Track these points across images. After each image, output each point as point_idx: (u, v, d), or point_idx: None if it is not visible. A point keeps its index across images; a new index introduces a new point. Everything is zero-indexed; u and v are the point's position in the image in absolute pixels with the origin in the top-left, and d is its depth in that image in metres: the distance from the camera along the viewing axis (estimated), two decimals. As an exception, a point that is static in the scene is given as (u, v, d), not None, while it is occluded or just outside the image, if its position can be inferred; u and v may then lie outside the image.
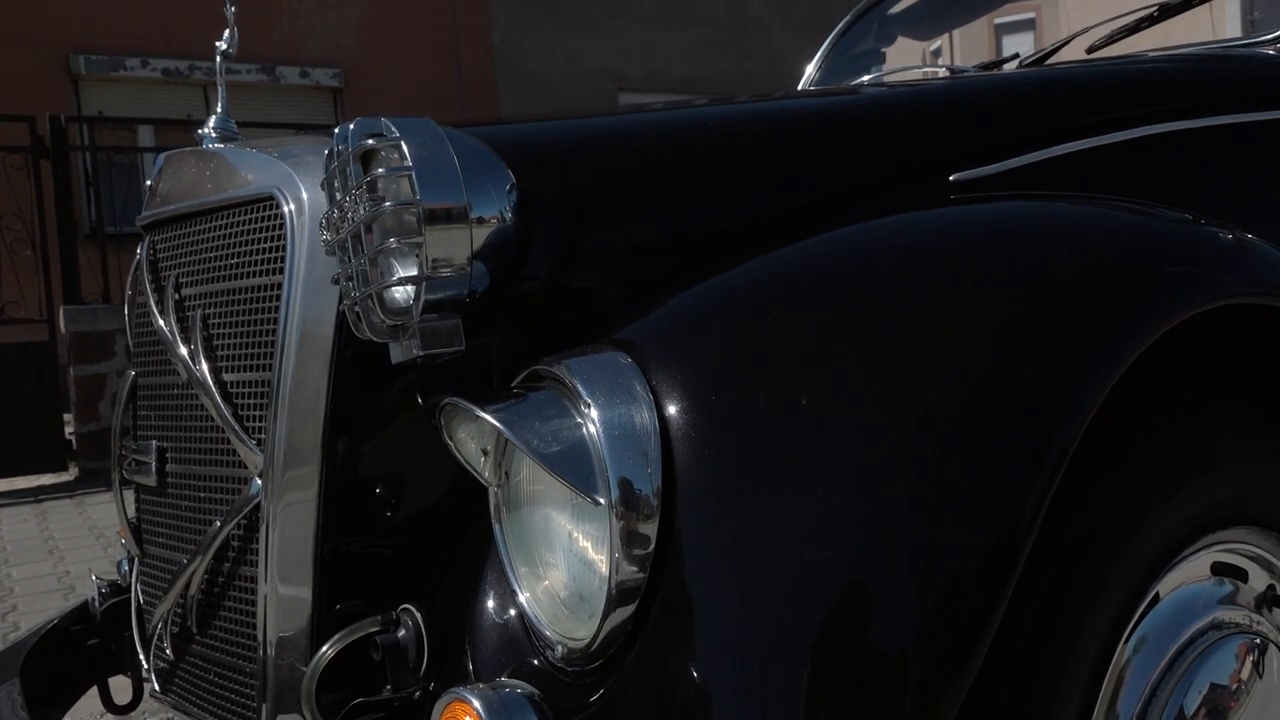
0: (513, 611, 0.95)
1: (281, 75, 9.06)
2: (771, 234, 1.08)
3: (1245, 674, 1.03)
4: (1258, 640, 1.05)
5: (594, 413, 0.84)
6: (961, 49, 2.69)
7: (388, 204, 0.89)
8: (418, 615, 1.00)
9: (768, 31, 10.64)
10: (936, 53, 2.60)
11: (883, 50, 2.71)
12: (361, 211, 0.90)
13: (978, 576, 0.78)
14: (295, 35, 9.16)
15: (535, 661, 0.91)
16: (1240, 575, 1.08)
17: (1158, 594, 0.98)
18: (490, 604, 0.98)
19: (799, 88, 2.65)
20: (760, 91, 1.84)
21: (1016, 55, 2.04)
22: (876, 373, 0.85)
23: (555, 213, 1.07)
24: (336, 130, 0.95)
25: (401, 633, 1.01)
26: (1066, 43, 1.94)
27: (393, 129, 0.91)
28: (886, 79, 2.18)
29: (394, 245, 0.90)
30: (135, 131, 7.55)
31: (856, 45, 2.70)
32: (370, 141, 0.92)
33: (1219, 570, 1.06)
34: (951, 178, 1.23)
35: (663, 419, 0.85)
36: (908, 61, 2.56)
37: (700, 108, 1.39)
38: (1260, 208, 1.43)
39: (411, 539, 1.08)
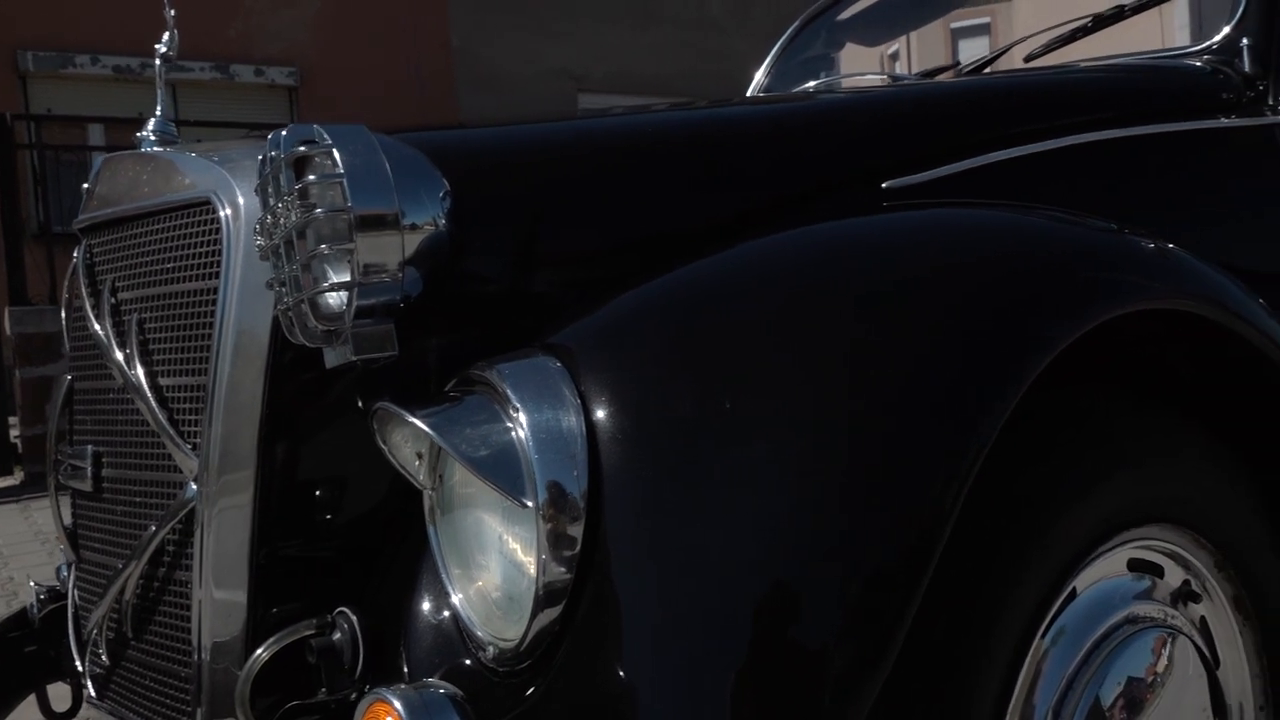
0: (447, 613, 0.96)
1: (236, 74, 8.96)
2: (705, 241, 1.10)
3: (1160, 667, 1.07)
4: (1172, 634, 1.08)
5: (522, 417, 0.86)
6: (919, 53, 2.74)
7: (319, 210, 0.90)
8: (353, 618, 1.01)
9: (727, 33, 10.69)
10: (894, 56, 2.65)
11: (832, 56, 2.75)
12: (293, 217, 0.91)
13: (895, 572, 0.81)
14: (250, 33, 9.07)
15: (467, 662, 0.92)
16: (1157, 571, 1.12)
17: (1075, 589, 1.01)
18: (425, 606, 0.99)
19: (748, 93, 2.68)
20: (701, 98, 1.86)
21: (957, 63, 2.09)
22: (800, 376, 0.87)
23: (491, 219, 1.08)
24: (269, 136, 0.96)
25: (337, 635, 1.01)
26: (1005, 51, 1.98)
27: (325, 136, 0.92)
28: (828, 86, 2.21)
29: (326, 251, 0.91)
30: (85, 129, 7.44)
31: (806, 51, 2.73)
32: (303, 148, 0.93)
33: (1136, 566, 1.10)
34: (884, 185, 1.25)
35: (590, 422, 0.86)
36: (866, 64, 2.60)
37: (637, 115, 1.41)
38: (1183, 216, 1.47)
39: (349, 542, 1.08)
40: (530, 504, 0.83)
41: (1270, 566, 1.18)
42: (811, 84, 2.29)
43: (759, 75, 2.68)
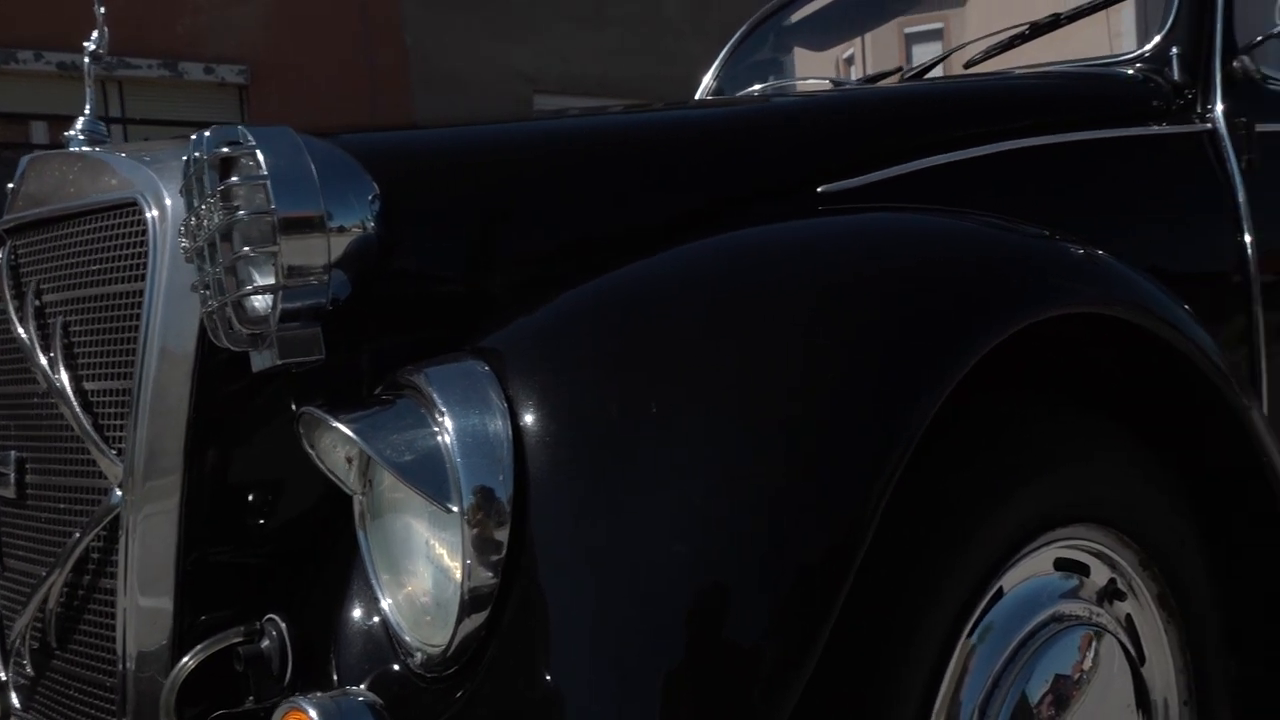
0: (376, 619, 0.96)
1: (185, 71, 8.82)
2: (641, 244, 1.10)
3: (1086, 664, 1.09)
4: (1098, 631, 1.10)
5: (448, 421, 0.85)
6: (873, 57, 2.76)
7: (241, 213, 0.89)
8: (282, 625, 1.00)
9: (682, 36, 10.71)
10: (850, 60, 2.67)
11: (780, 59, 2.77)
12: (216, 219, 0.90)
13: (819, 572, 0.82)
14: (200, 29, 8.92)
15: (396, 668, 0.92)
16: (1083, 570, 1.14)
17: (1001, 589, 1.03)
18: (356, 612, 0.99)
19: (697, 96, 2.69)
20: (657, 100, 1.86)
21: (900, 69, 2.11)
22: (726, 380, 0.88)
23: (423, 222, 1.08)
24: (193, 137, 0.94)
25: (265, 643, 1.00)
26: (945, 57, 2.01)
27: (249, 137, 0.91)
28: (773, 90, 2.23)
29: (249, 254, 0.90)
30: (29, 126, 7.28)
31: (754, 54, 2.75)
32: (226, 150, 0.91)
33: (1063, 566, 1.12)
34: (819, 189, 1.26)
35: (517, 426, 0.86)
36: (822, 67, 2.61)
37: (574, 119, 1.41)
38: (1114, 221, 1.50)
39: (280, 548, 1.07)
40: (455, 509, 0.83)
41: (1194, 564, 1.21)
42: (758, 87, 2.31)
43: (707, 78, 2.68)
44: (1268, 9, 1.66)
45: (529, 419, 0.87)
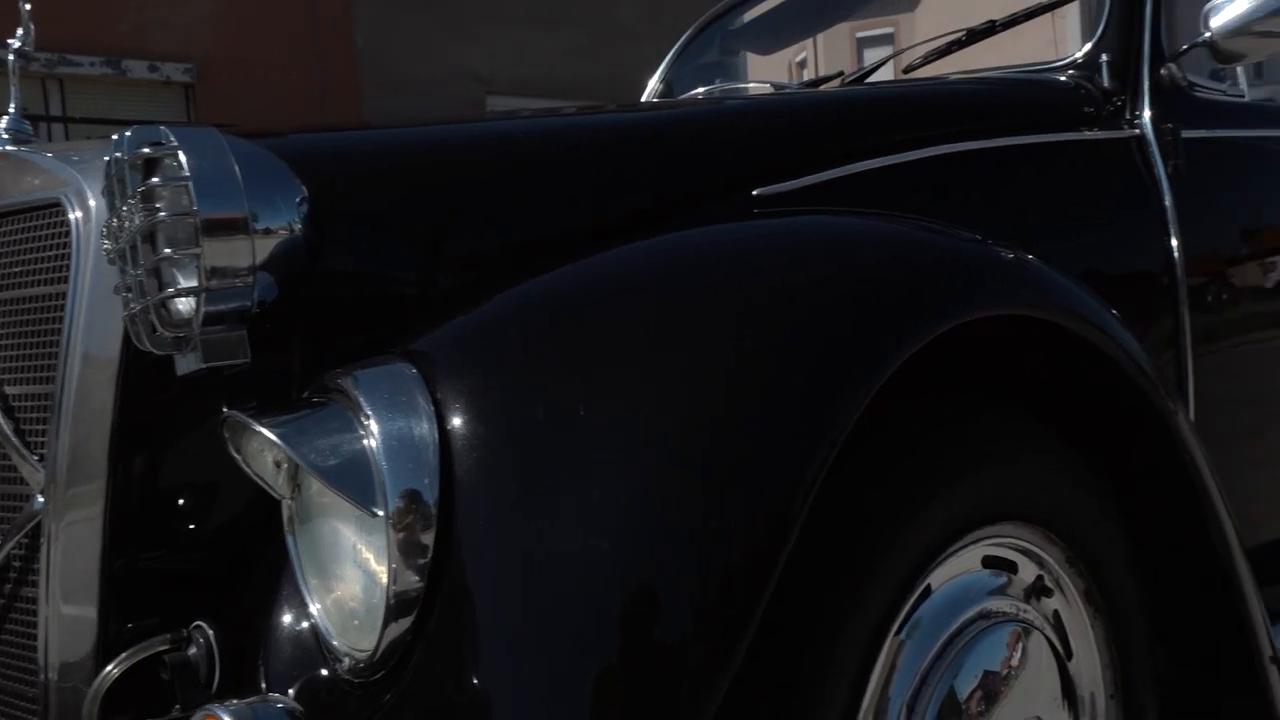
0: (306, 624, 0.95)
1: (129, 69, 8.65)
2: (574, 248, 1.10)
3: (1014, 659, 1.11)
4: (1025, 627, 1.12)
5: (374, 425, 0.85)
6: (825, 61, 2.78)
7: (162, 214, 0.88)
8: (210, 632, 0.98)
9: (636, 38, 10.72)
10: (802, 64, 2.69)
11: (727, 62, 2.79)
12: (137, 221, 0.89)
13: (745, 570, 0.82)
14: (144, 26, 8.75)
15: (324, 673, 0.91)
16: (1011, 568, 1.15)
17: (930, 586, 1.04)
18: (285, 617, 0.98)
19: (643, 99, 2.70)
20: (586, 104, 1.87)
21: (841, 73, 2.13)
22: (654, 382, 0.88)
23: (355, 224, 1.07)
24: (114, 137, 0.93)
25: (193, 650, 0.99)
26: (884, 63, 2.03)
27: (171, 138, 0.90)
28: (716, 93, 2.24)
29: (171, 256, 0.88)
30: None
31: (701, 57, 2.77)
32: (147, 150, 0.90)
33: (991, 563, 1.13)
34: (755, 192, 1.27)
35: (444, 429, 0.86)
36: (772, 70, 2.63)
37: (510, 121, 1.41)
38: (1046, 225, 1.53)
39: (209, 554, 1.06)
40: (380, 513, 0.82)
41: (1120, 562, 1.24)
42: (702, 89, 2.32)
43: (653, 81, 2.69)
44: (1194, 19, 1.70)
45: (456, 422, 0.87)
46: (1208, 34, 1.65)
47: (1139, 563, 1.28)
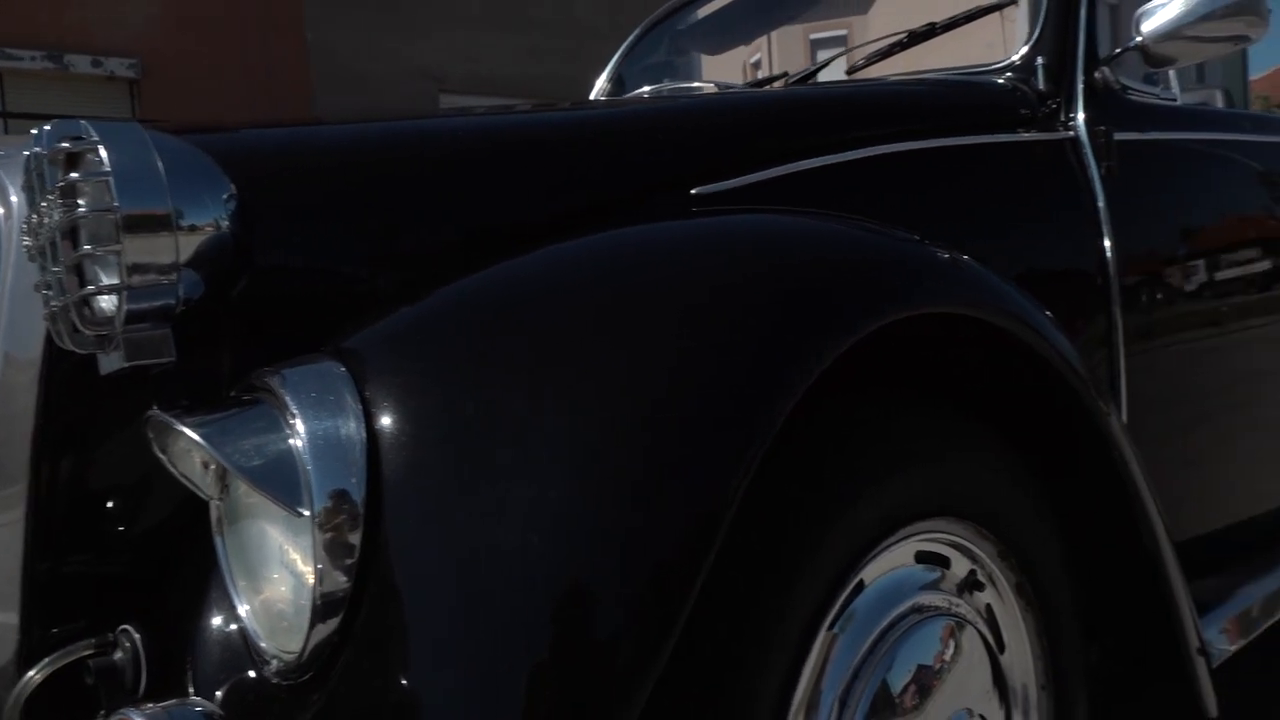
0: (234, 626, 0.94)
1: (71, 64, 8.48)
2: (511, 246, 1.09)
3: (945, 653, 1.12)
4: (957, 621, 1.14)
5: (300, 424, 0.84)
6: (779, 61, 2.79)
7: (83, 210, 0.86)
8: (136, 636, 0.97)
9: (593, 36, 10.69)
10: (757, 65, 2.70)
11: (676, 62, 2.79)
12: (57, 216, 0.87)
13: (673, 567, 0.82)
14: (88, 20, 8.58)
15: (252, 676, 0.90)
16: (944, 563, 1.17)
17: (863, 581, 1.05)
18: (214, 620, 0.96)
19: (590, 98, 2.70)
20: (527, 102, 1.86)
21: (785, 74, 2.15)
22: (586, 380, 0.88)
23: (286, 221, 1.06)
24: (34, 131, 0.91)
25: (119, 654, 0.97)
26: (828, 63, 2.05)
27: (92, 132, 0.88)
28: (660, 92, 2.25)
29: (92, 253, 0.87)
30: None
31: (650, 56, 2.77)
32: (67, 145, 0.88)
33: (925, 558, 1.15)
34: (693, 191, 1.28)
35: (373, 428, 0.85)
36: (725, 71, 2.64)
37: (450, 118, 1.40)
38: (982, 225, 1.55)
39: (136, 556, 1.04)
40: (306, 513, 0.81)
41: (1051, 555, 1.26)
42: (648, 88, 2.32)
43: (601, 80, 2.70)
44: (1128, 23, 1.74)
45: (386, 421, 0.86)
46: (1139, 39, 1.68)
47: (1072, 556, 1.30)
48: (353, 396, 0.87)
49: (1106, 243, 1.62)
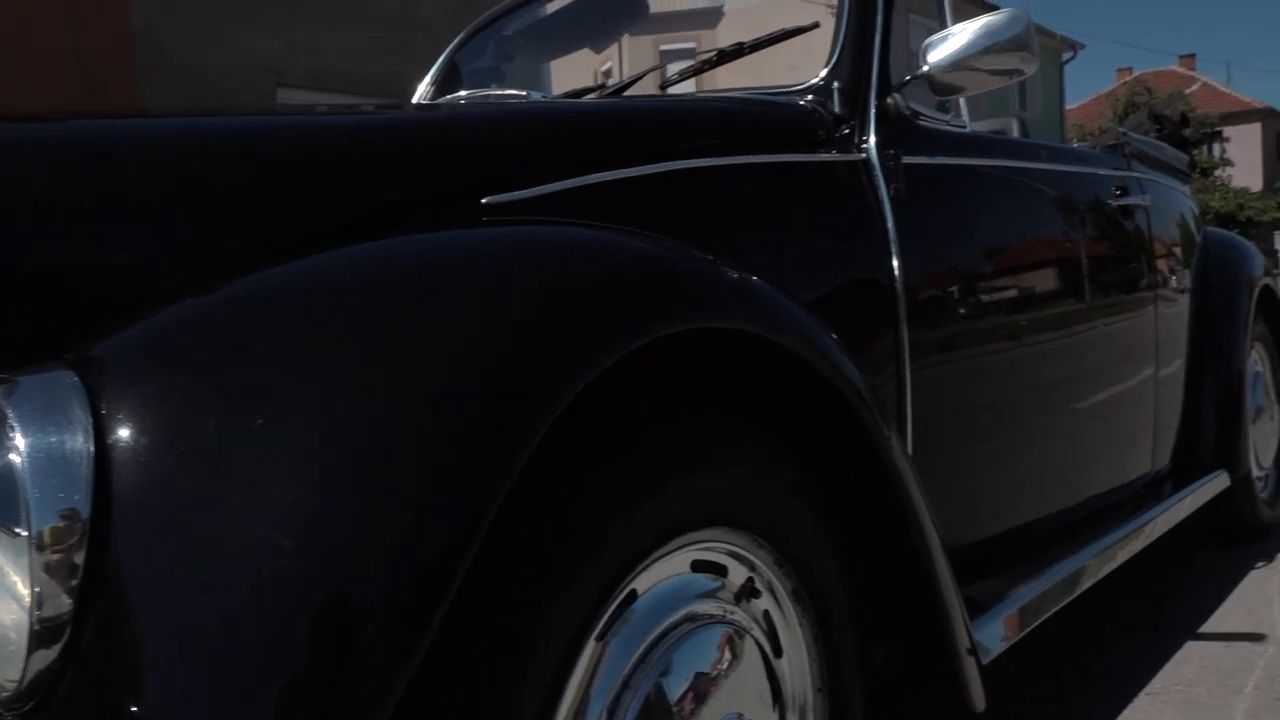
0: None
1: None
2: (282, 253, 1.06)
3: (720, 660, 1.15)
4: (732, 628, 1.17)
5: (20, 438, 0.79)
6: (630, 71, 2.80)
7: None
8: None
9: (437, 36, 10.52)
10: (608, 73, 2.70)
11: (502, 68, 2.78)
12: None
13: (428, 573, 0.80)
14: None
15: (-29, 708, 0.84)
16: (721, 571, 1.20)
17: (635, 591, 1.07)
18: None
19: (413, 101, 2.65)
20: (326, 105, 1.81)
21: (602, 86, 2.17)
22: (339, 386, 0.86)
23: (36, 221, 1.00)
24: None
25: None
26: (640, 78, 2.08)
27: None
28: (474, 99, 2.23)
29: None
30: None
31: (474, 62, 2.75)
32: None
33: (701, 567, 1.17)
34: (484, 201, 1.27)
35: (103, 442, 0.81)
36: (581, 75, 2.63)
37: (238, 117, 1.35)
38: (775, 242, 1.60)
39: None
40: (24, 533, 0.76)
41: (827, 561, 1.30)
42: (464, 93, 2.30)
43: (423, 85, 2.66)
44: (919, 52, 1.83)
45: (122, 434, 0.82)
46: (926, 68, 1.78)
47: (851, 561, 1.35)
48: (83, 408, 0.82)
49: (895, 262, 1.70)
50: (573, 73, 2.67)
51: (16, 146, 1.06)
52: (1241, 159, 37.71)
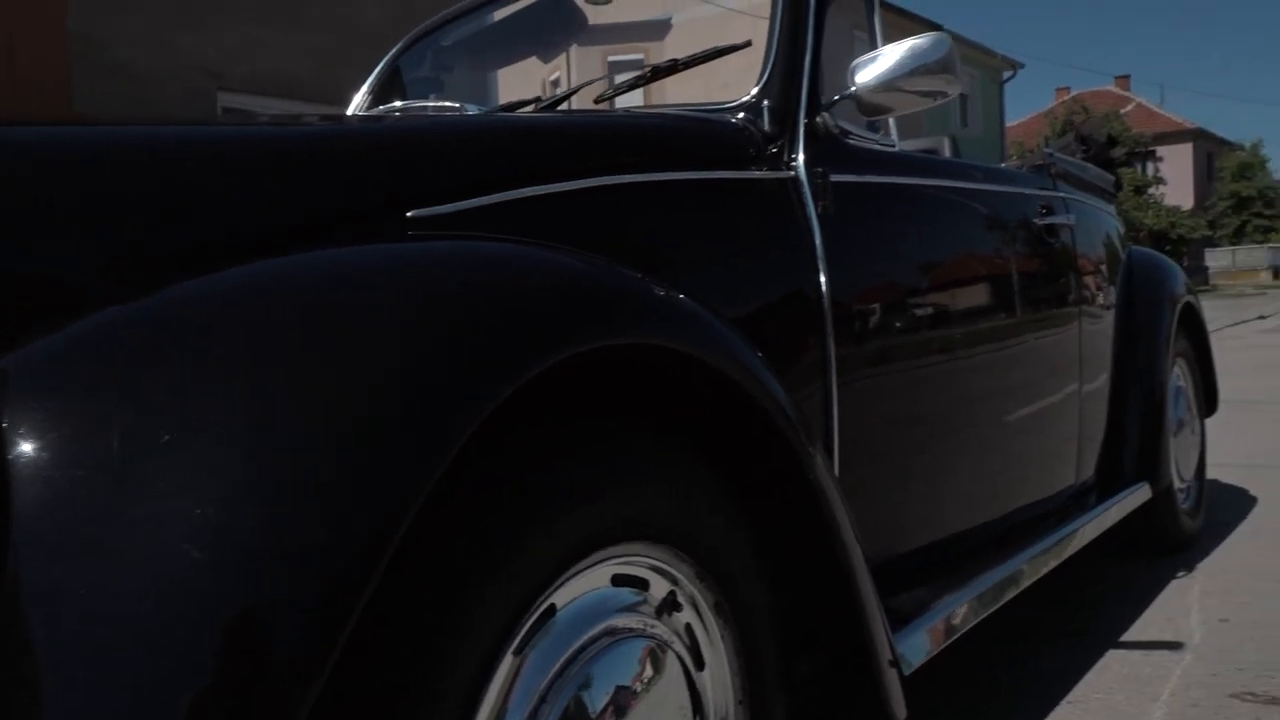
0: None
1: None
2: (203, 265, 1.05)
3: (640, 674, 1.15)
4: (652, 642, 1.18)
5: (-85, 454, 0.77)
6: (578, 81, 2.81)
7: None
8: None
9: (381, 43, 10.43)
10: (556, 83, 2.71)
11: (441, 78, 2.77)
12: None
13: (336, 589, 0.80)
14: None
15: None
16: (643, 584, 1.20)
17: (554, 605, 1.07)
18: None
19: (349, 111, 2.63)
20: (268, 116, 1.80)
21: (538, 99, 2.17)
22: (254, 399, 0.85)
23: None
24: None
25: None
26: (574, 92, 2.09)
27: None
28: (409, 110, 2.23)
29: None
30: None
31: (414, 71, 2.74)
32: None
33: (622, 581, 1.18)
34: (409, 214, 1.27)
35: (3, 458, 0.79)
36: (529, 85, 2.63)
37: (166, 126, 1.33)
38: (703, 258, 1.62)
39: None
40: (-83, 554, 0.75)
41: (749, 575, 1.32)
42: (399, 104, 2.29)
43: (359, 96, 2.64)
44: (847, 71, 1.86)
45: (24, 447, 0.80)
46: (854, 88, 1.81)
47: (775, 573, 1.37)
48: (-17, 423, 0.80)
49: (822, 278, 1.73)
50: (521, 82, 2.68)
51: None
52: (1174, 178, 38.88)
